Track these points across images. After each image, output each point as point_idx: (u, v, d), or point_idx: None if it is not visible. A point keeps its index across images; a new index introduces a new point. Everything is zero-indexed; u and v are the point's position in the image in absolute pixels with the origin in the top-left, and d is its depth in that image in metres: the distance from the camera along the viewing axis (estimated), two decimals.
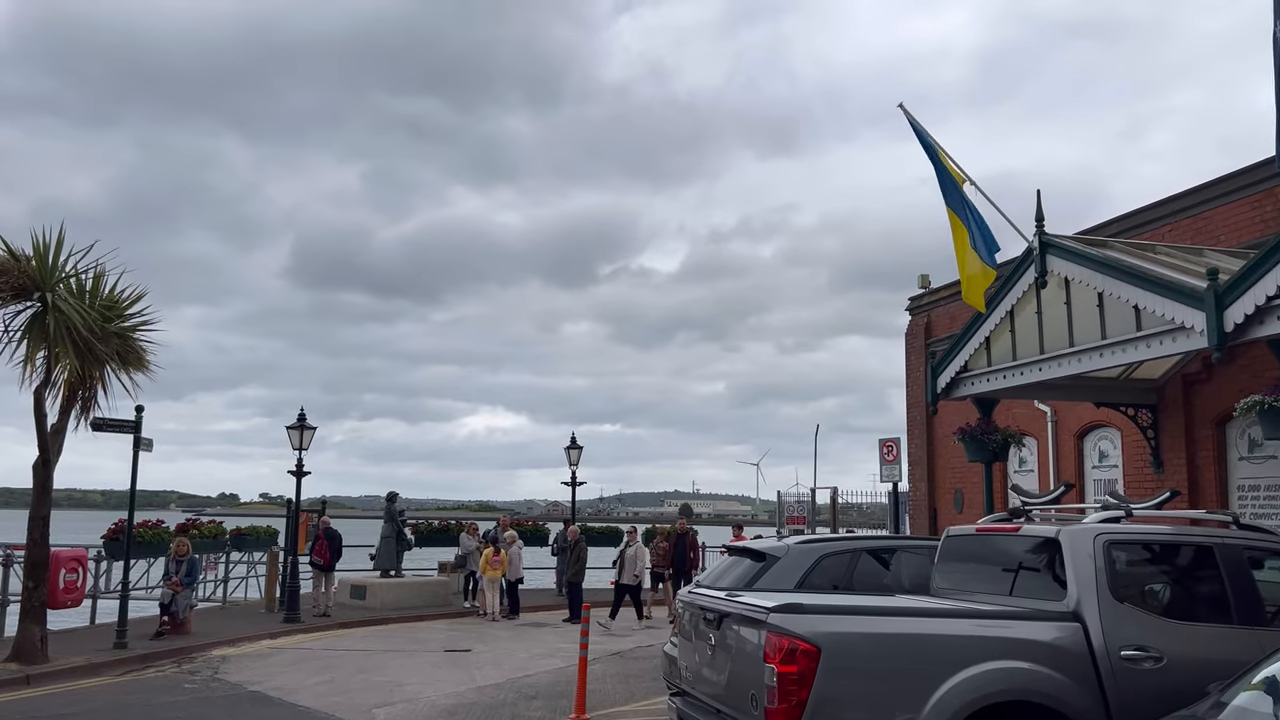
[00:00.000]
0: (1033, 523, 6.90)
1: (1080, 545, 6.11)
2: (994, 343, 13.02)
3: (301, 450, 19.63)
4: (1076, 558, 6.04)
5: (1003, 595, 6.61)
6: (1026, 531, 6.67)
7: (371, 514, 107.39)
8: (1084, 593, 5.93)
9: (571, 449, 25.35)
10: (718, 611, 6.27)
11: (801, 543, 9.14)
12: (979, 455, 13.99)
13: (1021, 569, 6.64)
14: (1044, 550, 6.40)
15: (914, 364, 21.51)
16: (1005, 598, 6.55)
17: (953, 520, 19.78)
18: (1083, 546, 6.10)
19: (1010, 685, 5.52)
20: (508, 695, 12.31)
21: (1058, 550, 6.19)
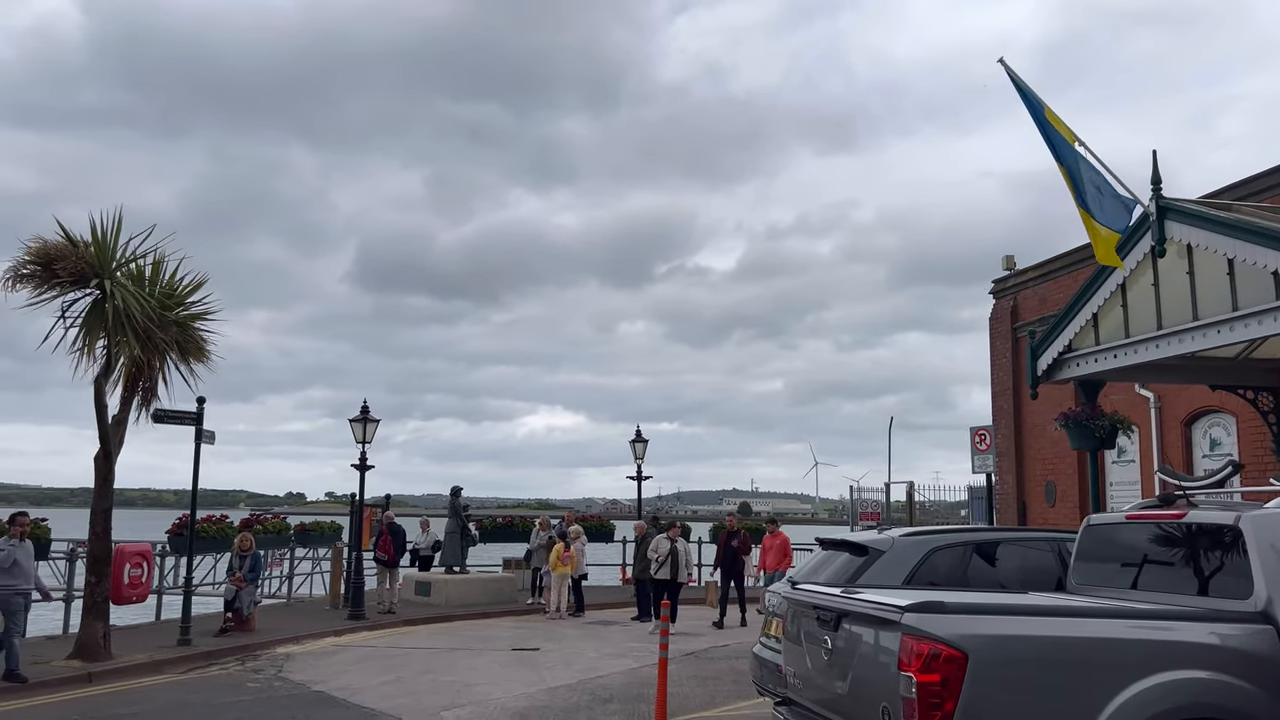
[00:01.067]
0: (1196, 508, 5.97)
1: (1270, 534, 5.19)
2: (1103, 319, 11.98)
3: (365, 443, 19.22)
4: (1263, 549, 5.12)
5: (1164, 593, 5.71)
6: (1195, 518, 5.74)
7: (434, 512, 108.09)
8: (1275, 590, 5.02)
9: (636, 442, 24.66)
10: (835, 610, 5.48)
11: (908, 535, 8.29)
12: (1083, 443, 12.94)
13: (1187, 563, 5.73)
14: (1219, 540, 5.48)
15: (999, 350, 20.42)
16: (1169, 595, 5.64)
17: (1044, 514, 18.67)
18: (1272, 535, 5.18)
19: (1193, 699, 4.66)
20: (580, 698, 11.63)
21: (1238, 540, 5.28)
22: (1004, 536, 8.61)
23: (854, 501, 28.29)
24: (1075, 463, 17.97)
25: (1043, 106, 11.58)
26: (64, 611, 16.20)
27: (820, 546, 9.20)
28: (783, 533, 18.87)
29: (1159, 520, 6.03)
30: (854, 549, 8.35)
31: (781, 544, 18.35)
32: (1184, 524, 5.79)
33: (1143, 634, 4.87)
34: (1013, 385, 19.71)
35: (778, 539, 18.32)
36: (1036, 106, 11.69)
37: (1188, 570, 5.70)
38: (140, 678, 12.86)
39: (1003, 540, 8.39)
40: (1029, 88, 11.17)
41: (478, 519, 25.83)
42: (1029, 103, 11.86)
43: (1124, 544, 6.33)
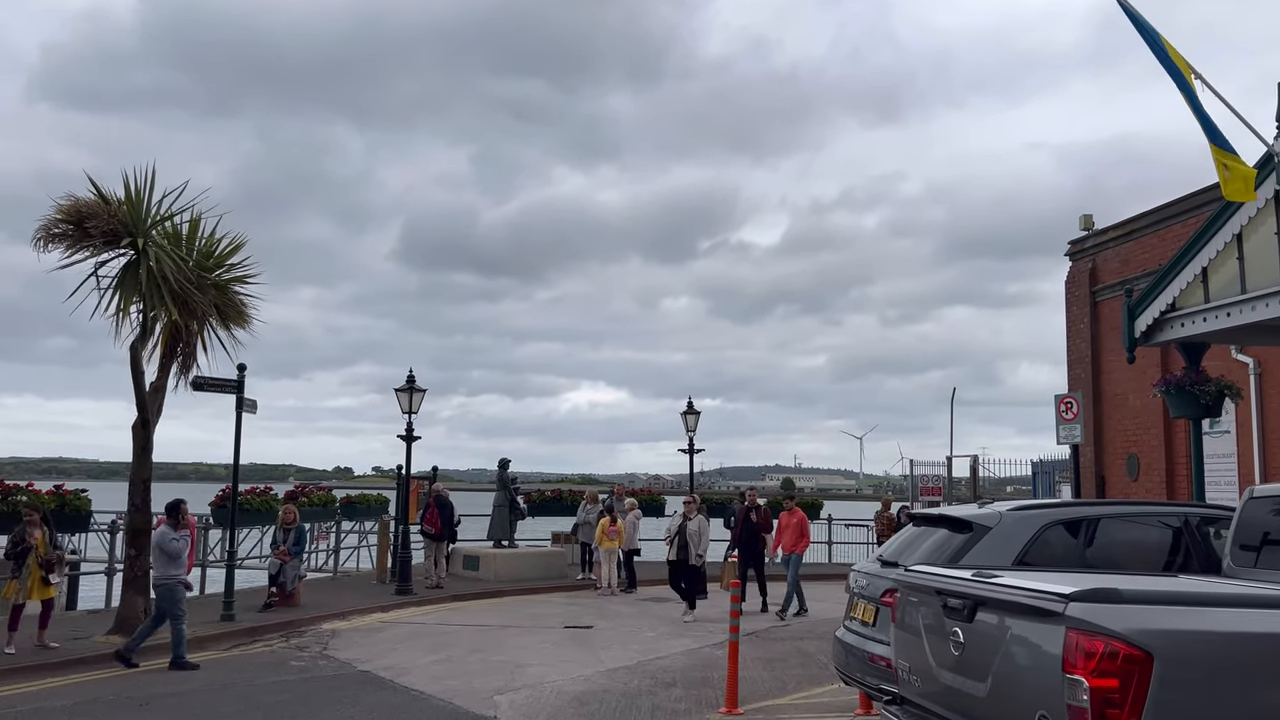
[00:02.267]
0: None
1: None
2: (1213, 274, 10.90)
3: (411, 413, 18.60)
4: None
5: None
6: None
7: (478, 487, 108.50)
8: None
9: (688, 414, 23.83)
10: (969, 596, 4.61)
11: (1016, 509, 7.37)
12: (1187, 410, 11.88)
13: None
14: None
15: (1076, 315, 19.26)
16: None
17: (1125, 488, 17.58)
18: None
19: None
20: (641, 681, 10.89)
21: None
22: (1126, 510, 7.66)
23: (913, 476, 27.30)
24: (1161, 434, 16.86)
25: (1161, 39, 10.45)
26: (105, 585, 15.83)
27: (912, 522, 8.31)
28: (800, 510, 17.53)
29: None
30: (954, 524, 7.46)
31: (799, 522, 16.90)
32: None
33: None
34: (1091, 353, 18.57)
35: (795, 516, 16.93)
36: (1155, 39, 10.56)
37: None
38: None
39: (1125, 515, 7.44)
40: (1145, 20, 10.05)
41: (525, 492, 25.22)
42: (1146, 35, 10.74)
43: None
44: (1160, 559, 7.07)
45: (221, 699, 10.07)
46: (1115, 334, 18.18)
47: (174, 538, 11.72)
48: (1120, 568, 6.93)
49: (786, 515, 16.86)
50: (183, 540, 11.85)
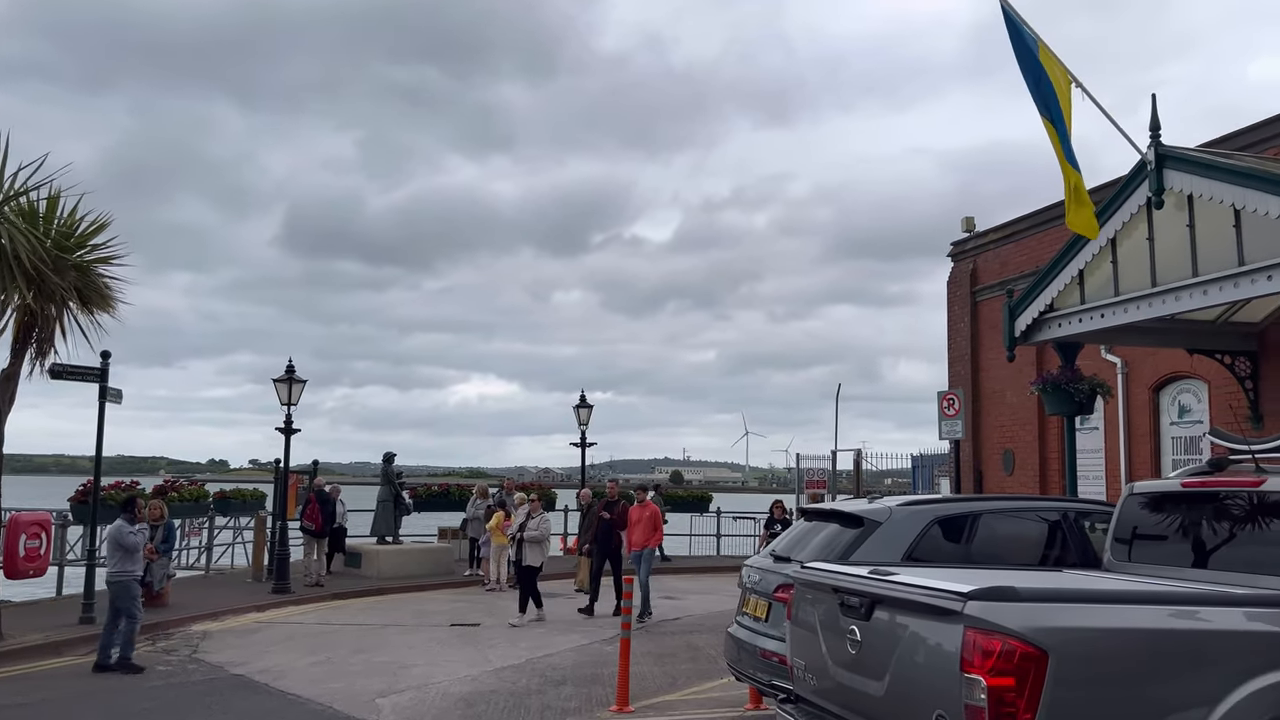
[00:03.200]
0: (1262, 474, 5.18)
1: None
2: (1089, 277, 11.31)
3: (290, 405, 17.86)
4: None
5: (1238, 573, 4.92)
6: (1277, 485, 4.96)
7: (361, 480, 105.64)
8: None
9: (581, 408, 23.66)
10: (866, 594, 4.58)
11: (906, 504, 7.46)
12: (1062, 407, 12.33)
13: (1269, 538, 4.95)
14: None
15: (957, 314, 19.83)
16: (1246, 577, 4.86)
17: (1001, 483, 18.18)
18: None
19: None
20: (531, 680, 10.67)
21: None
22: (1008, 505, 7.85)
23: (798, 470, 27.73)
24: (1035, 430, 17.50)
25: (1038, 46, 10.74)
26: None
27: (803, 517, 8.34)
28: (653, 503, 16.10)
29: (1230, 489, 5.25)
30: (845, 519, 7.50)
31: (651, 516, 15.52)
32: (1262, 493, 5.01)
33: (1251, 625, 4.06)
34: (970, 351, 19.16)
35: (646, 510, 15.58)
36: (1031, 47, 10.85)
37: (1267, 548, 4.92)
38: (36, 661, 11.55)
39: (1007, 510, 7.62)
40: (1028, 25, 10.32)
41: (411, 487, 24.61)
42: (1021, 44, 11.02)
43: (1178, 516, 5.57)
44: (1041, 553, 7.25)
45: (79, 710, 9.42)
46: (994, 333, 18.80)
47: (130, 531, 11.27)
48: (1003, 562, 7.08)
49: (638, 509, 15.66)
50: (140, 534, 11.51)
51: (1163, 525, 5.68)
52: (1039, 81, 10.82)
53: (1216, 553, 5.20)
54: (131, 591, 11.20)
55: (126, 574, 11.21)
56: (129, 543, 11.22)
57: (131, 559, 11.23)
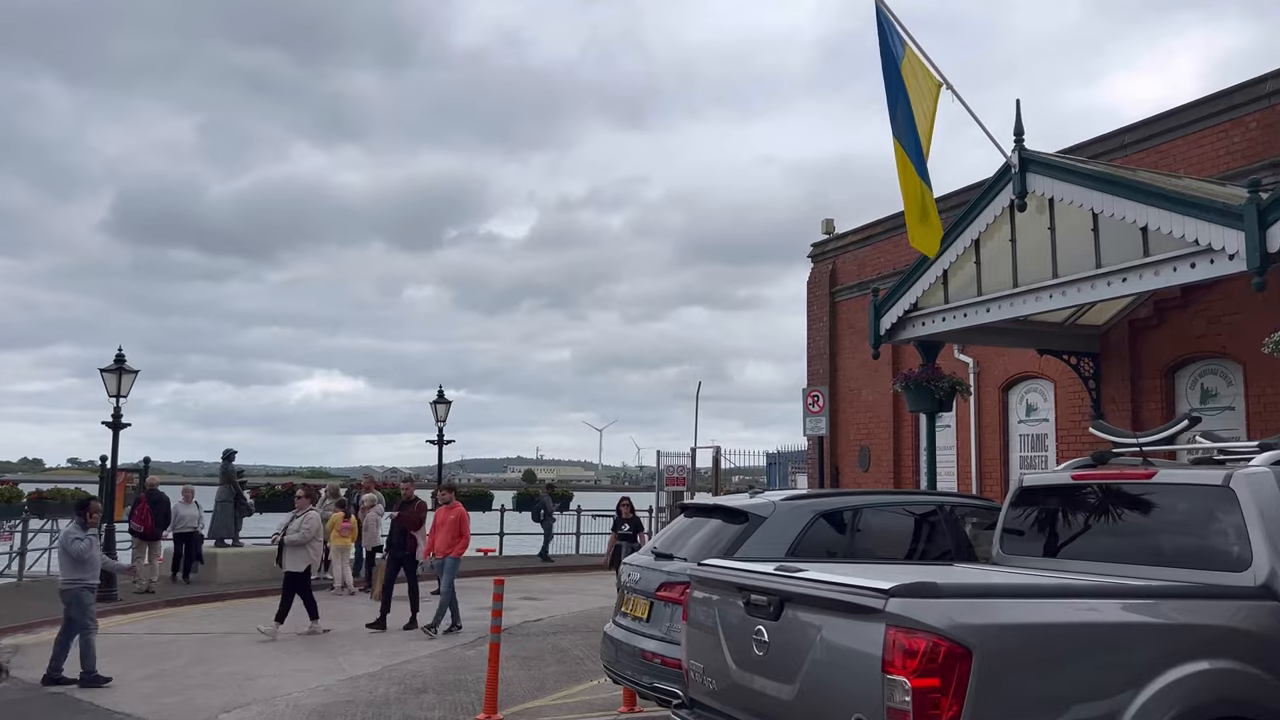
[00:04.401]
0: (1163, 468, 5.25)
1: (1267, 495, 4.49)
2: (953, 277, 11.58)
3: (119, 397, 16.48)
4: (1263, 513, 4.42)
5: (1129, 565, 4.95)
6: (1168, 478, 5.01)
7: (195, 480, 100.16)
8: (1278, 560, 4.33)
9: (439, 403, 22.89)
10: (774, 592, 4.34)
11: (789, 498, 7.33)
12: (922, 405, 12.60)
13: (1157, 531, 5.00)
14: (1202, 504, 4.74)
15: (816, 314, 20.19)
16: (1136, 569, 4.88)
17: (856, 479, 18.58)
18: (1269, 497, 4.48)
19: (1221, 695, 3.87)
20: (389, 689, 10.08)
21: (1228, 504, 4.55)
22: (889, 500, 7.83)
23: (659, 467, 27.73)
24: (891, 428, 17.96)
25: (904, 54, 10.89)
26: None
27: (684, 513, 8.11)
28: (460, 505, 14.54)
29: (1120, 481, 5.29)
30: (728, 514, 7.32)
31: (457, 519, 14.02)
32: (1154, 484, 5.06)
33: (1158, 617, 4.04)
34: (829, 350, 19.52)
35: (452, 512, 14.10)
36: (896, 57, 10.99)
37: (1158, 539, 4.98)
38: None
39: (888, 504, 7.60)
40: (901, 27, 10.44)
41: (253, 486, 23.23)
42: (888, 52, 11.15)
43: (1068, 509, 5.59)
44: (922, 547, 7.26)
45: None
46: (852, 333, 19.23)
47: (78, 537, 10.54)
48: (885, 556, 7.05)
49: (444, 511, 14.16)
50: (88, 541, 10.71)
51: (1053, 518, 5.71)
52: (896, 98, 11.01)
53: (1109, 544, 5.24)
54: (83, 601, 10.47)
55: (76, 583, 10.42)
56: (74, 550, 10.41)
57: (81, 567, 10.47)
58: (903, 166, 11.37)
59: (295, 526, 13.77)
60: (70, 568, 10.46)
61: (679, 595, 6.89)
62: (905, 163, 11.31)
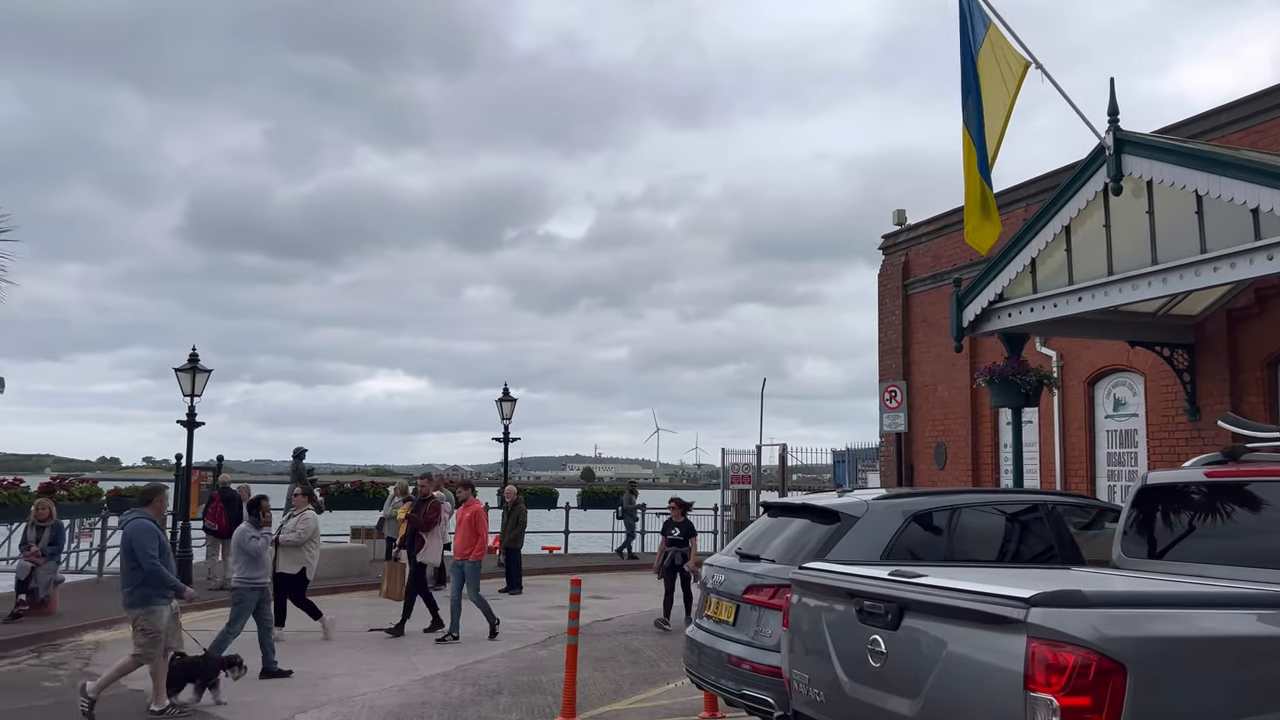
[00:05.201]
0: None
1: None
2: (1041, 265, 11.07)
3: (194, 396, 16.67)
4: None
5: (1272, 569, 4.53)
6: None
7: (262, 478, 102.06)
8: None
9: (504, 401, 22.82)
10: (893, 599, 4.03)
11: (881, 497, 6.99)
12: (1007, 400, 12.08)
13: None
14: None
15: (888, 308, 19.67)
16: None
17: (932, 477, 18.05)
18: None
19: None
20: (464, 690, 9.93)
21: None
22: (989, 499, 7.42)
23: (724, 465, 27.38)
24: (969, 424, 17.40)
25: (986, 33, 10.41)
26: None
27: (767, 512, 7.80)
28: (478, 503, 13.44)
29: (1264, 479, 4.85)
30: (817, 514, 6.99)
31: (472, 518, 12.98)
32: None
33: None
34: (902, 344, 19.00)
35: (469, 511, 13.13)
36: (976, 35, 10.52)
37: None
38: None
39: (986, 503, 7.20)
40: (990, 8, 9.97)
41: (322, 485, 23.42)
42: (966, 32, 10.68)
43: (1199, 509, 5.18)
44: (1024, 549, 6.86)
45: None
46: (926, 326, 18.69)
47: (254, 535, 10.79)
48: (985, 559, 6.67)
49: (461, 510, 13.37)
50: (263, 539, 11.00)
51: (1184, 519, 5.30)
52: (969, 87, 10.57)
53: (1248, 547, 4.82)
54: (257, 599, 10.76)
55: (249, 581, 10.69)
56: (251, 549, 10.66)
57: (255, 565, 10.73)
58: (968, 158, 10.94)
59: (291, 527, 13.19)
60: (246, 565, 10.67)
61: (767, 599, 6.61)
62: (971, 155, 10.88)
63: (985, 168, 10.10)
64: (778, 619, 6.52)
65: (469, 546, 12.97)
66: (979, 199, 10.52)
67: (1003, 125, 9.93)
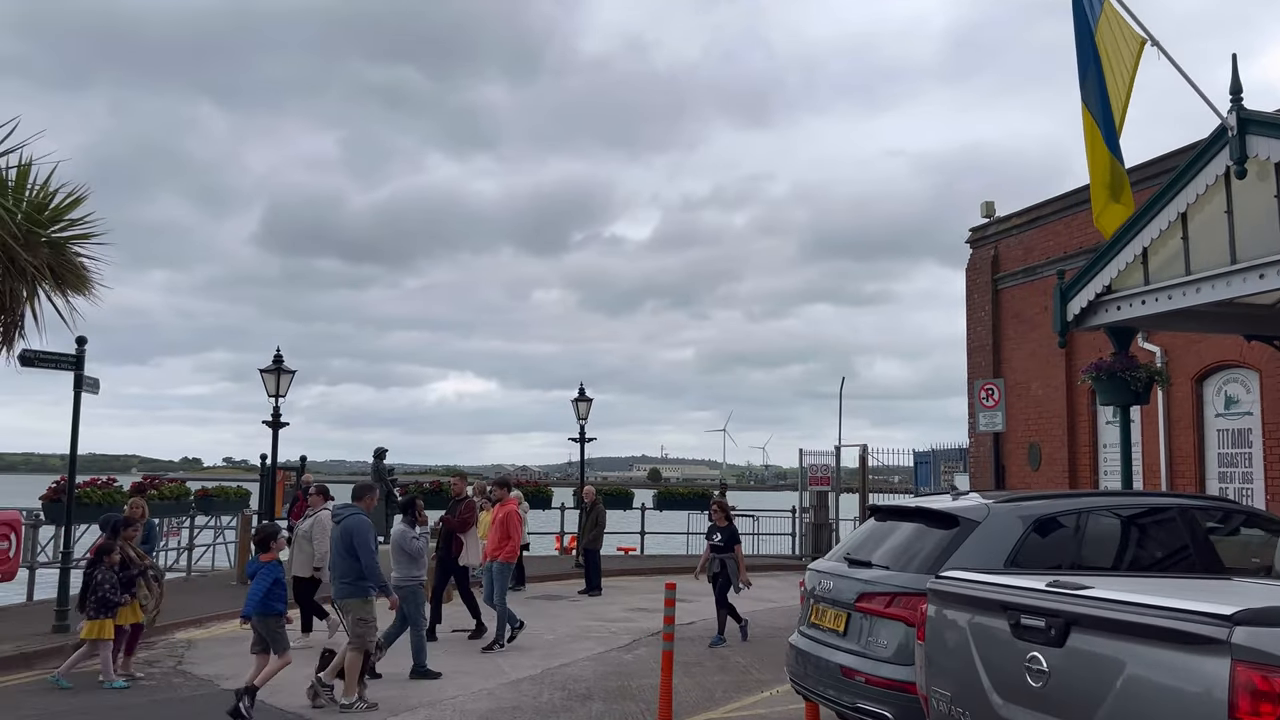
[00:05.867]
0: None
1: None
2: (1153, 255, 10.48)
3: (279, 397, 16.83)
4: None
5: None
6: None
7: (338, 478, 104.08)
8: None
9: (580, 401, 22.67)
10: (1056, 613, 3.68)
11: (1003, 500, 6.58)
12: (1116, 397, 11.50)
13: None
14: None
15: (977, 303, 19.04)
16: None
17: (1025, 478, 17.41)
18: None
19: None
20: (553, 695, 9.73)
21: None
22: (1118, 502, 6.96)
23: (802, 466, 26.89)
24: (1064, 424, 16.73)
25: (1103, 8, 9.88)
26: None
27: (874, 515, 7.44)
28: (513, 502, 12.97)
29: None
30: (933, 518, 6.61)
31: (504, 518, 12.46)
32: None
33: None
34: (992, 341, 18.36)
35: (502, 510, 12.62)
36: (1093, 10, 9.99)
37: None
38: (4, 674, 10.49)
39: (1118, 506, 6.74)
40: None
41: (401, 485, 23.55)
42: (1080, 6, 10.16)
43: None
44: (1162, 558, 6.40)
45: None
46: (1018, 322, 18.05)
47: (413, 536, 11.02)
48: (1119, 568, 6.23)
49: (496, 509, 12.86)
50: (423, 539, 11.21)
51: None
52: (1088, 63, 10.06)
53: None
54: (418, 598, 10.89)
55: (412, 579, 10.87)
56: (412, 548, 10.88)
57: (416, 563, 10.94)
58: (1091, 137, 10.41)
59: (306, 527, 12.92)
60: (406, 564, 10.83)
61: (881, 608, 6.27)
62: (1094, 133, 10.35)
63: (1115, 144, 9.51)
64: (891, 628, 6.18)
65: (498, 548, 12.55)
66: (1106, 178, 9.93)
67: (1124, 104, 9.40)
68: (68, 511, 13.19)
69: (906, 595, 6.05)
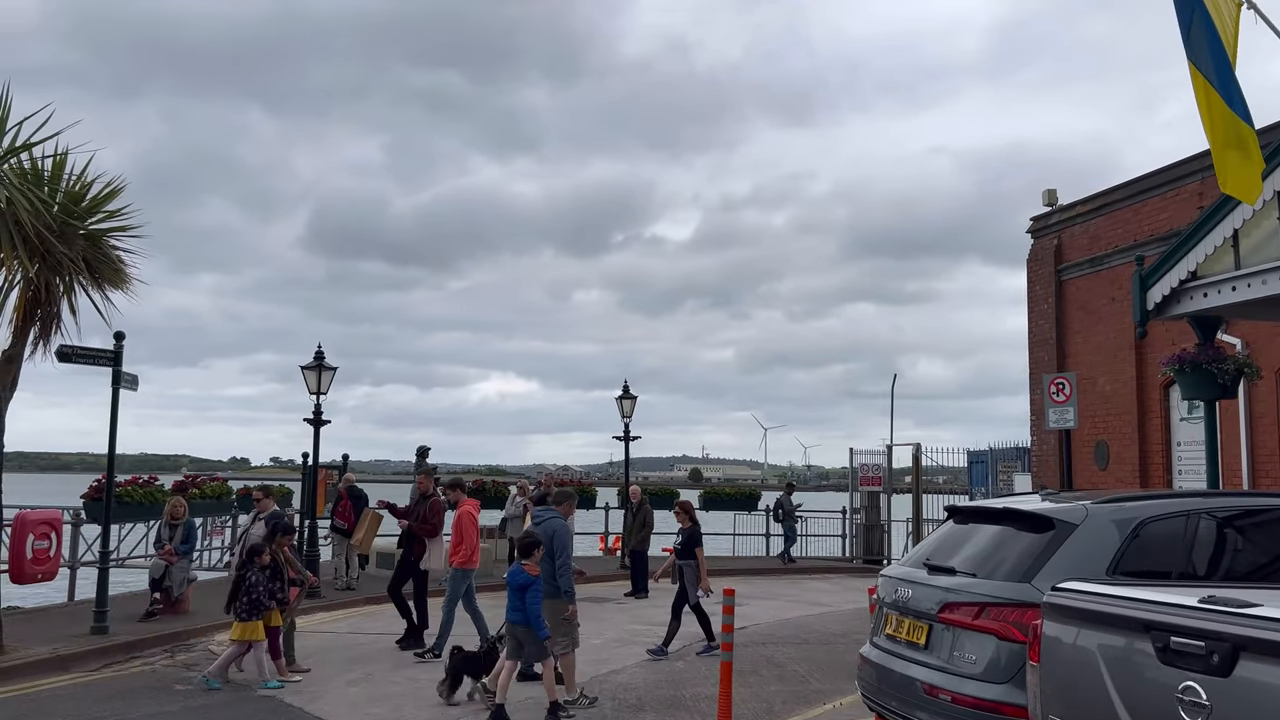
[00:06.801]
0: None
1: None
2: (1245, 238, 9.75)
3: (320, 394, 16.53)
4: None
5: None
6: None
7: (382, 478, 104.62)
8: None
9: (624, 399, 22.18)
10: (1221, 636, 3.11)
11: (1101, 501, 5.96)
12: (1202, 390, 10.76)
13: None
14: None
15: (1039, 295, 18.26)
16: None
17: (1092, 478, 16.62)
18: None
19: None
20: (602, 705, 9.23)
21: None
22: (1234, 503, 6.29)
23: (852, 466, 26.20)
24: (1133, 420, 15.94)
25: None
26: None
27: (952, 517, 6.83)
28: (468, 503, 11.79)
29: None
30: (1022, 521, 6.00)
31: (456, 521, 11.62)
32: None
33: None
34: (1055, 334, 17.59)
35: (459, 512, 11.65)
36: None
37: None
38: (40, 678, 10.21)
39: (1233, 508, 6.08)
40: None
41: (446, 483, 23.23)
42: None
43: None
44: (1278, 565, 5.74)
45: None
46: (1084, 314, 17.25)
47: None
48: (1236, 578, 5.58)
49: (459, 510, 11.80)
50: None
51: None
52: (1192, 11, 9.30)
53: None
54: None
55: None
56: None
57: None
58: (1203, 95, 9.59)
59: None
60: None
61: (969, 619, 5.68)
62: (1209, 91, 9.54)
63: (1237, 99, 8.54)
64: (980, 642, 5.60)
65: (453, 552, 11.61)
66: (1230, 138, 9.08)
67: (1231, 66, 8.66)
68: (106, 510, 12.95)
69: (997, 605, 5.48)
